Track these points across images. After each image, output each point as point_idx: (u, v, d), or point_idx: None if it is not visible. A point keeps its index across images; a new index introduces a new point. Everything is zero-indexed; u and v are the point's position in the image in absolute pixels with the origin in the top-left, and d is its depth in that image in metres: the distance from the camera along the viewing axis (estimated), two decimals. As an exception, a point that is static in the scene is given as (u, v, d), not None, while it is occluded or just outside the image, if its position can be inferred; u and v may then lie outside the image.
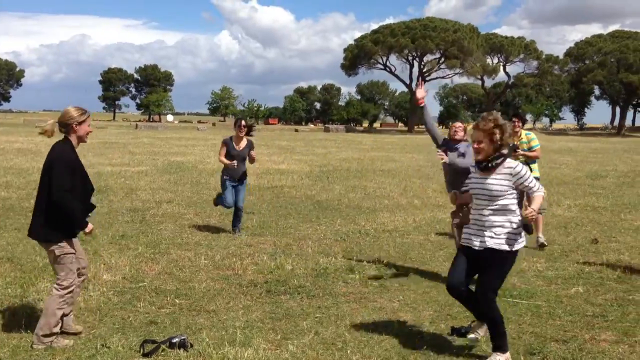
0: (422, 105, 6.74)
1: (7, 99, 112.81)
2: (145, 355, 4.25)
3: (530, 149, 8.19)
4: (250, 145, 8.68)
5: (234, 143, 8.63)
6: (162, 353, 4.29)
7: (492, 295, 4.29)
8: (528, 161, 8.21)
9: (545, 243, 8.17)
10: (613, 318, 5.27)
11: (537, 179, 8.37)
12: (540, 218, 8.39)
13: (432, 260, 7.25)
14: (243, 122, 8.67)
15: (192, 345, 4.41)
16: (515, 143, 8.27)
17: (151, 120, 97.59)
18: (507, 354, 4.24)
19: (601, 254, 7.72)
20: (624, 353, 4.49)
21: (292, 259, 7.22)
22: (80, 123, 4.55)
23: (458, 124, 7.06)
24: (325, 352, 4.43)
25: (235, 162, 8.46)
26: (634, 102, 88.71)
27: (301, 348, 4.48)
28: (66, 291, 4.44)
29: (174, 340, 4.37)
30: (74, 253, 4.54)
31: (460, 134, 6.77)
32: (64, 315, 4.49)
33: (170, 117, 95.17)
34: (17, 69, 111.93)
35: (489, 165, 4.25)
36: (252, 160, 8.69)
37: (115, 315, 5.17)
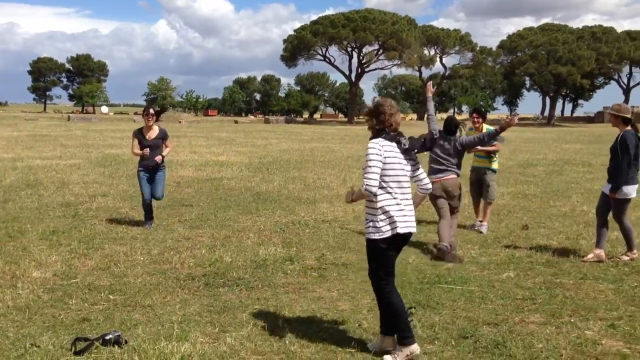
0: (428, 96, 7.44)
1: None
2: (76, 353, 4.13)
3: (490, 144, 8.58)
4: (163, 134, 8.49)
5: (144, 133, 8.43)
6: (95, 350, 4.19)
7: (374, 279, 4.33)
8: (490, 154, 8.58)
9: (483, 231, 8.44)
10: (541, 301, 5.49)
11: (494, 171, 8.72)
12: (488, 208, 8.71)
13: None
14: (151, 110, 8.45)
15: (126, 342, 4.32)
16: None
17: (85, 112, 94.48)
18: (412, 347, 4.18)
19: (531, 240, 8.02)
20: (551, 334, 4.69)
21: (231, 251, 7.17)
22: None
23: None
24: (264, 343, 4.43)
25: (147, 150, 8.27)
26: (563, 93, 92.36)
27: (239, 340, 4.47)
28: None
29: (107, 337, 4.26)
30: None
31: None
32: None
33: (105, 109, 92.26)
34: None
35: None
36: (166, 150, 8.50)
37: (46, 313, 5.00)
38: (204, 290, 5.74)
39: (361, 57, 76.24)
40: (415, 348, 4.18)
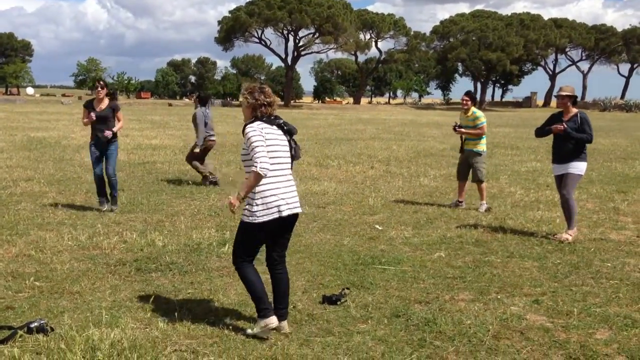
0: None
1: None
2: (0, 342, 3.96)
3: (475, 127, 8.89)
4: (114, 107, 8.32)
5: (94, 105, 8.25)
6: (20, 339, 4.03)
7: (235, 259, 4.37)
8: (475, 138, 8.77)
9: (482, 210, 8.86)
10: (470, 279, 5.67)
11: (479, 153, 8.87)
12: (484, 186, 8.92)
13: (306, 231, 7.37)
14: (101, 82, 8.28)
15: (52, 329, 4.17)
16: (457, 122, 9.10)
17: (8, 93, 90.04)
18: (267, 320, 4.23)
19: (462, 220, 8.25)
20: (479, 310, 4.85)
21: (163, 235, 7.03)
22: None
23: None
24: (197, 327, 4.38)
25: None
26: (494, 79, 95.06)
27: (172, 325, 4.40)
28: None
29: (32, 325, 4.11)
30: None
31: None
32: None
33: (30, 90, 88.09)
34: None
35: (243, 130, 4.26)
36: (119, 122, 8.38)
37: (-34, 302, 4.77)
38: (136, 276, 5.62)
39: (297, 40, 75.89)
40: (271, 320, 4.24)
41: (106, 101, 8.30)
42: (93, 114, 8.13)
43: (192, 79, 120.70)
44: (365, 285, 5.45)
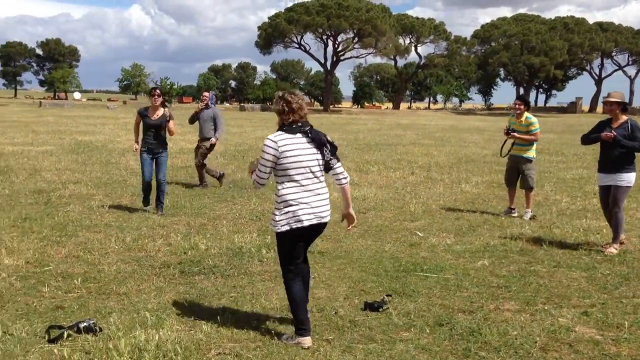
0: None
1: None
2: (51, 341, 4.08)
3: (528, 132, 8.75)
4: (166, 116, 8.50)
5: (149, 113, 8.40)
6: (69, 338, 4.13)
7: (282, 270, 4.42)
8: (526, 143, 8.63)
9: (526, 218, 8.70)
10: (516, 288, 5.56)
11: (529, 160, 8.74)
12: (532, 194, 8.88)
13: (347, 237, 7.35)
14: (158, 91, 8.55)
15: (101, 330, 4.27)
16: (509, 126, 8.89)
17: (57, 97, 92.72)
18: (301, 339, 4.23)
19: (505, 228, 8.11)
20: (526, 321, 4.75)
21: (206, 239, 7.12)
22: None
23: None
24: (240, 330, 4.41)
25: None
26: (537, 84, 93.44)
27: (216, 328, 4.45)
28: None
29: (81, 325, 4.21)
30: None
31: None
32: None
33: (77, 95, 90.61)
34: None
35: None
36: (170, 133, 8.59)
37: (19, 301, 4.92)
38: (180, 278, 5.70)
39: (336, 45, 76.02)
40: (305, 341, 4.23)
41: (161, 110, 8.49)
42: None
43: (233, 83, 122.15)
44: (407, 292, 5.40)
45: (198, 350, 4.05)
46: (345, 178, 4.39)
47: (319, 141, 4.26)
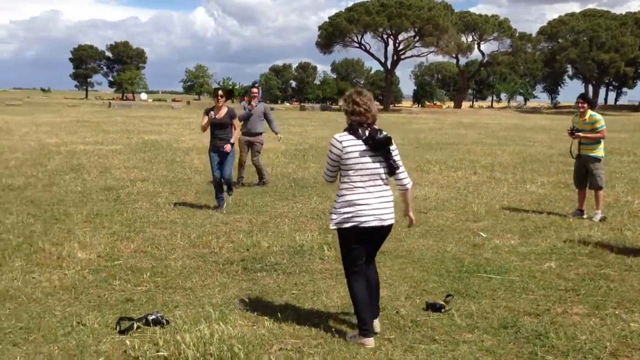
0: None
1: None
2: (121, 332, 4.24)
3: (593, 130, 8.52)
4: (231, 114, 8.73)
5: (214, 112, 8.64)
6: (138, 330, 4.28)
7: (344, 269, 4.43)
8: (593, 142, 8.42)
9: (596, 220, 8.46)
10: (585, 292, 5.38)
11: (597, 159, 8.53)
12: (601, 194, 8.66)
13: (408, 237, 7.30)
14: (220, 92, 8.77)
15: (168, 322, 4.41)
16: (573, 126, 8.65)
17: (125, 98, 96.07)
18: (364, 339, 4.21)
19: (573, 230, 7.86)
20: (595, 326, 4.60)
21: (268, 236, 7.22)
22: None
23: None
24: (302, 327, 4.45)
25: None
26: (606, 81, 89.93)
27: (278, 324, 4.50)
28: None
29: (150, 317, 4.36)
30: None
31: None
32: None
33: (144, 96, 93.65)
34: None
35: None
36: (234, 128, 8.78)
37: (91, 293, 5.13)
38: (243, 275, 5.81)
39: (397, 44, 75.45)
40: (368, 342, 4.20)
41: (225, 109, 8.71)
42: (212, 114, 8.63)
43: (293, 83, 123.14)
44: (470, 293, 5.32)
45: (261, 345, 4.12)
46: (408, 184, 4.35)
47: (384, 145, 4.19)
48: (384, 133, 4.20)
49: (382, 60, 76.87)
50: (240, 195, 10.06)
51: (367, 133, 4.19)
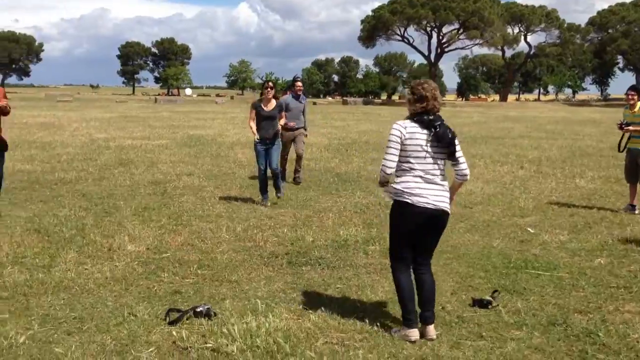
0: None
1: (27, 73, 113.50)
2: (170, 323, 4.33)
3: None
4: (280, 107, 8.80)
5: (262, 105, 8.69)
6: (187, 321, 4.37)
7: (390, 259, 4.45)
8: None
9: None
10: (637, 289, 5.23)
11: None
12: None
13: (453, 231, 7.22)
14: (270, 83, 8.84)
15: (215, 314, 4.48)
16: (624, 119, 8.50)
17: (170, 94, 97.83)
18: (408, 331, 4.21)
19: (625, 226, 7.64)
20: (648, 324, 4.46)
21: (312, 230, 7.25)
22: None
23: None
24: (347, 321, 4.46)
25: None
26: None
27: (323, 318, 4.52)
28: None
29: (199, 309, 4.44)
30: None
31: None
32: None
33: (188, 91, 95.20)
34: (36, 43, 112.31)
35: None
36: (281, 120, 8.86)
37: (141, 284, 5.26)
38: (287, 268, 5.85)
39: (441, 37, 74.58)
40: (412, 333, 4.18)
41: (273, 102, 8.78)
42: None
43: (335, 77, 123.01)
44: (518, 290, 5.23)
45: (307, 338, 4.14)
46: (468, 175, 4.33)
47: (445, 137, 4.15)
48: (446, 124, 4.21)
49: (426, 53, 76.24)
50: (284, 189, 10.11)
51: (433, 124, 4.13)
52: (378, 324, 4.43)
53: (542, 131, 24.86)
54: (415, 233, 4.25)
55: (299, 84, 11.06)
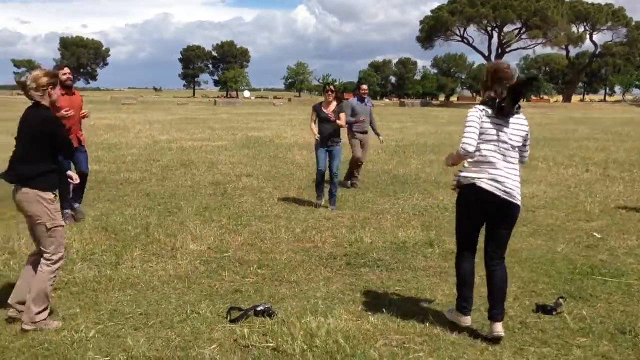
0: None
1: (94, 77, 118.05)
2: (232, 321, 4.42)
3: None
4: (340, 110, 8.79)
5: (323, 107, 8.75)
6: (247, 320, 4.44)
7: (457, 253, 4.47)
8: None
9: None
10: None
11: None
12: None
13: (515, 235, 7.01)
14: (331, 86, 8.84)
15: (276, 314, 4.54)
16: None
17: (229, 96, 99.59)
18: (460, 317, 4.33)
19: (699, 232, 7.28)
20: None
21: (370, 232, 7.24)
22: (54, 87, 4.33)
23: None
24: (406, 324, 4.44)
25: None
26: None
27: (382, 320, 4.52)
28: (56, 266, 4.33)
29: (259, 309, 4.51)
30: (64, 226, 4.44)
31: None
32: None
33: (247, 94, 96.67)
34: (103, 48, 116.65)
35: None
36: (341, 126, 8.78)
37: (203, 283, 5.38)
38: (346, 270, 5.86)
39: (502, 37, 72.97)
40: (464, 320, 4.30)
41: (334, 104, 8.80)
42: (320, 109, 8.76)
43: (393, 79, 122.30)
44: (584, 296, 5.07)
45: (366, 340, 4.14)
46: (526, 161, 4.34)
47: (519, 125, 4.16)
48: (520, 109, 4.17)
49: (486, 53, 74.72)
50: (342, 191, 10.14)
51: (508, 110, 4.07)
52: (439, 327, 4.39)
53: (609, 133, 23.98)
54: (483, 220, 4.24)
55: (365, 87, 11.03)
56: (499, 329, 4.18)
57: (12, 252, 6.14)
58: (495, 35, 73.09)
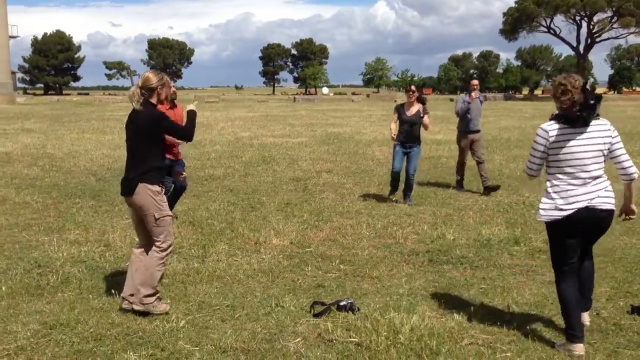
0: None
1: (179, 76, 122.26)
2: (315, 315, 4.47)
3: None
4: (422, 111, 8.64)
5: (405, 108, 8.65)
6: (331, 314, 4.48)
7: (555, 273, 4.14)
8: None
9: None
10: None
11: None
12: None
13: (607, 234, 6.72)
14: (412, 87, 8.70)
15: (359, 309, 4.55)
16: None
17: (308, 93, 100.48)
18: (571, 346, 3.87)
19: None
20: None
21: (453, 229, 7.12)
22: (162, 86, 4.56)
23: None
24: (493, 323, 4.33)
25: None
26: None
27: (466, 318, 4.44)
28: (165, 252, 4.59)
29: (342, 303, 4.54)
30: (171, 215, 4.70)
31: None
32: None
33: (325, 90, 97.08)
34: (187, 48, 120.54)
35: None
36: (425, 127, 8.68)
37: (286, 277, 5.48)
38: (428, 266, 5.80)
39: (591, 26, 69.61)
40: (577, 348, 3.85)
41: (416, 105, 8.65)
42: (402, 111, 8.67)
43: (474, 73, 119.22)
44: (686, 300, 4.77)
45: (451, 338, 4.08)
46: (635, 173, 3.93)
47: (599, 132, 3.91)
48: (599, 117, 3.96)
49: (574, 44, 71.59)
50: (422, 187, 10.03)
51: (583, 119, 3.87)
52: (527, 327, 4.26)
53: None
54: (578, 240, 4.00)
55: (475, 82, 10.08)
56: (585, 319, 4.08)
57: (107, 244, 6.47)
58: (584, 24, 69.82)
